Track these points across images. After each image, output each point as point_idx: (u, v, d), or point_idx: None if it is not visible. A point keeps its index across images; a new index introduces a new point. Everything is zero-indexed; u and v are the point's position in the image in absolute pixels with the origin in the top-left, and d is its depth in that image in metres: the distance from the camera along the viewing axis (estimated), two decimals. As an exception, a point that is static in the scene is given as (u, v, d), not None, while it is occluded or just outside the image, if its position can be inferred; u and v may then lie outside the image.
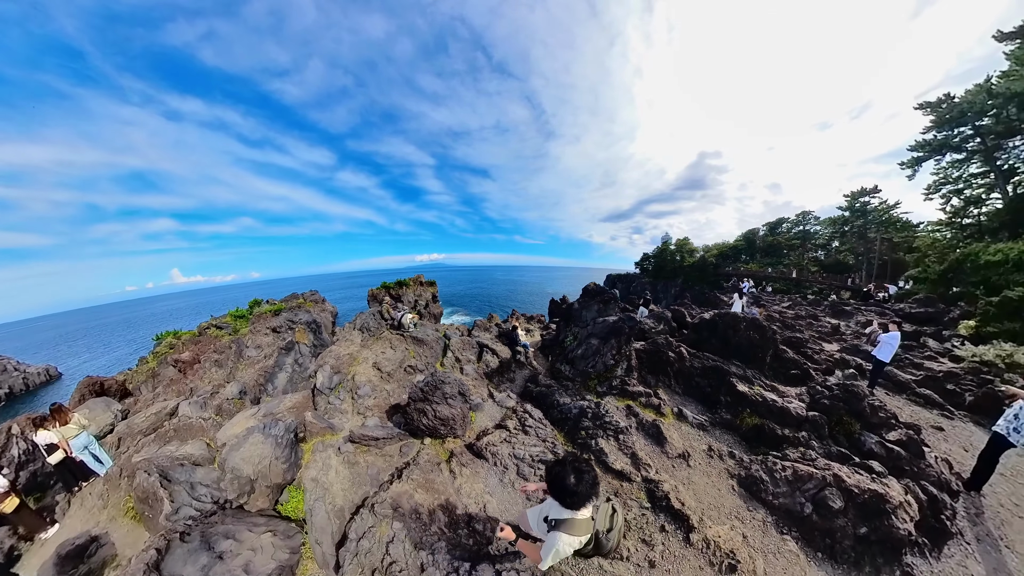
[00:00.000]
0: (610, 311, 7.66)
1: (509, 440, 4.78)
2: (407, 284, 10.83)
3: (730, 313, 7.53)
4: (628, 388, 5.93)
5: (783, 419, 5.03)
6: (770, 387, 6.06)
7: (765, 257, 43.05)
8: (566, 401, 5.63)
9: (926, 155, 22.02)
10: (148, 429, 5.52)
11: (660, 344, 6.89)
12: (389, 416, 5.86)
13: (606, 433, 4.70)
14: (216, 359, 7.35)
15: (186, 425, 5.39)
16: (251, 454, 4.43)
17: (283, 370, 7.13)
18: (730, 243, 49.24)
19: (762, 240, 45.70)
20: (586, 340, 6.94)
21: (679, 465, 4.43)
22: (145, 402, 6.79)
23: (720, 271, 41.30)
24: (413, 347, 7.71)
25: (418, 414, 5.09)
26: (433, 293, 11.35)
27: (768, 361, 6.79)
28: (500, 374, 7.53)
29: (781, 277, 32.21)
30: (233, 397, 6.35)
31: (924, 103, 21.34)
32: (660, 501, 3.71)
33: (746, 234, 48.41)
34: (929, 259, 18.24)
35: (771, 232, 45.84)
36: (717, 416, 5.45)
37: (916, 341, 9.67)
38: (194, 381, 7.02)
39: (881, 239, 29.07)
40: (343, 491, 4.24)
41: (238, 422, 5.24)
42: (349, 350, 7.43)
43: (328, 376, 6.58)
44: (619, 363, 6.38)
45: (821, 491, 3.69)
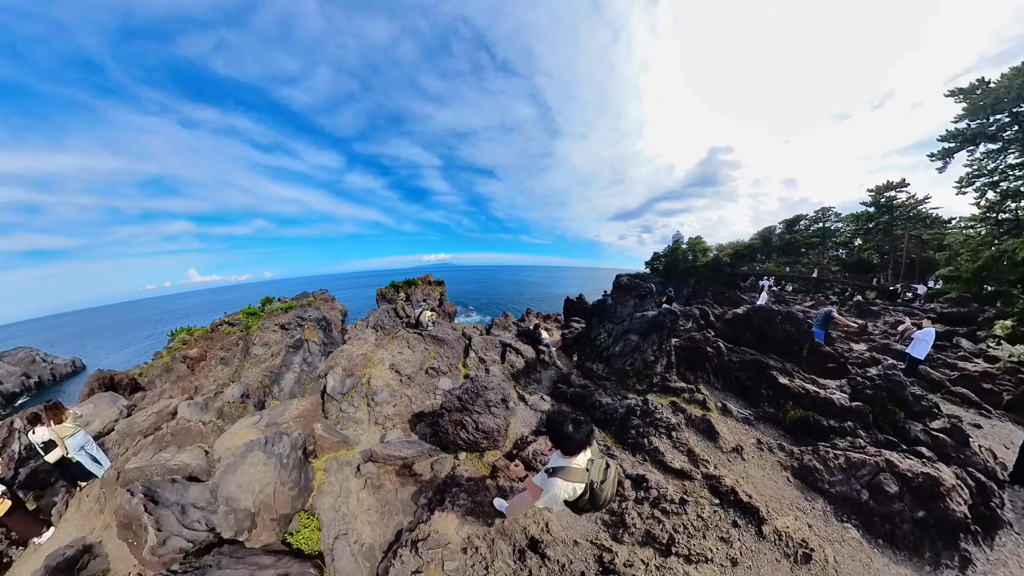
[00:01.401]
0: (647, 305, 8.01)
1: None
2: (415, 283, 11.16)
3: (765, 307, 8.04)
4: (669, 384, 6.30)
5: (827, 410, 5.47)
6: (810, 379, 6.53)
7: (782, 256, 44.63)
8: (608, 401, 5.93)
9: (958, 146, 21.37)
10: (148, 429, 5.65)
11: (697, 339, 7.30)
12: (412, 426, 5.80)
13: (658, 431, 4.99)
14: (222, 356, 7.54)
15: (184, 429, 5.50)
16: (250, 479, 4.01)
17: (291, 370, 7.26)
18: (745, 242, 50.87)
19: (779, 238, 47.42)
20: (624, 336, 7.31)
21: (734, 459, 4.77)
22: (150, 399, 6.98)
23: (735, 271, 42.73)
24: (433, 347, 7.92)
25: (455, 426, 4.84)
26: (441, 292, 11.71)
27: (805, 355, 7.28)
28: (526, 375, 7.82)
29: (801, 277, 33.38)
30: (235, 400, 6.42)
31: (955, 89, 20.99)
32: (727, 496, 3.99)
33: (762, 232, 50.14)
34: (962, 257, 18.67)
35: (788, 230, 47.55)
36: (760, 410, 5.85)
37: (949, 341, 10.38)
38: (200, 379, 7.25)
39: (909, 236, 29.56)
40: (370, 524, 3.87)
41: (237, 432, 5.22)
42: (363, 350, 7.59)
43: (340, 379, 6.61)
44: (659, 359, 6.75)
45: (875, 476, 4.06)
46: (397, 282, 11.04)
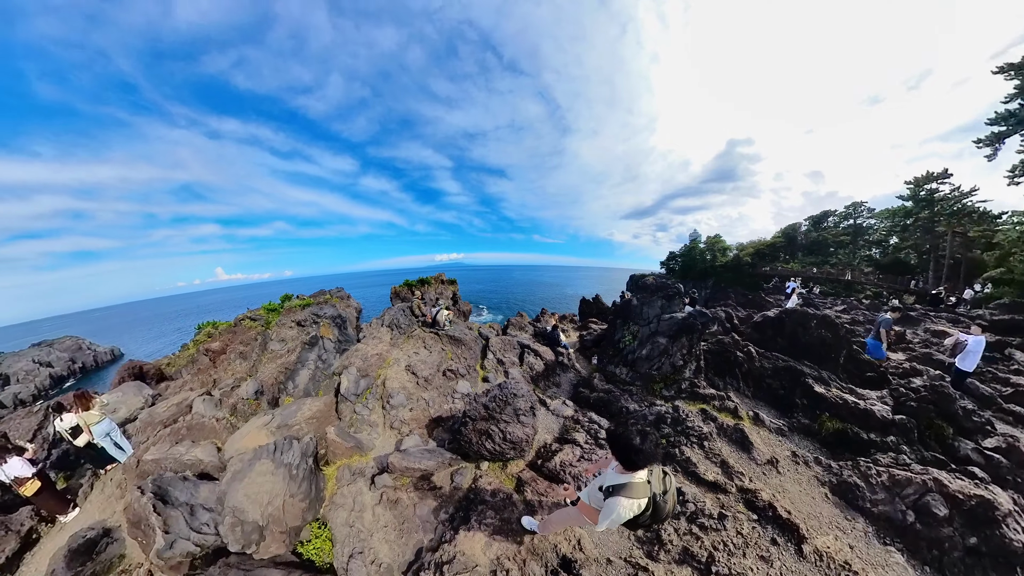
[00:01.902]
0: (675, 306, 7.85)
1: (587, 457, 4.71)
2: (429, 282, 11.36)
3: (799, 310, 7.86)
4: (698, 391, 6.25)
5: (867, 423, 5.35)
6: (847, 389, 6.38)
7: (808, 255, 43.08)
8: (635, 407, 5.92)
9: (1010, 129, 19.64)
10: (168, 420, 6.04)
11: (727, 343, 7.21)
12: (430, 431, 5.78)
13: (690, 440, 4.95)
14: (241, 351, 7.87)
15: (199, 424, 5.82)
16: (258, 490, 3.96)
17: (305, 367, 7.44)
18: (767, 240, 49.12)
19: (804, 236, 45.88)
20: (651, 339, 7.25)
21: (769, 472, 4.70)
22: (173, 389, 7.33)
23: (758, 271, 41.61)
24: (450, 347, 8.01)
25: (479, 436, 4.67)
26: (454, 291, 11.88)
27: (842, 362, 7.12)
28: (546, 378, 7.85)
29: (829, 278, 32.16)
30: (249, 397, 6.66)
31: (1005, 65, 19.13)
32: (763, 512, 3.92)
33: (785, 230, 48.51)
34: (1015, 257, 17.72)
35: (815, 227, 45.91)
36: (794, 420, 5.76)
37: (1000, 353, 9.94)
38: (219, 372, 7.61)
39: (953, 233, 27.44)
40: (388, 542, 3.77)
41: (249, 433, 5.32)
42: (378, 349, 7.71)
43: (354, 380, 6.68)
44: (687, 364, 6.69)
45: (922, 497, 3.94)
46: (411, 281, 11.28)
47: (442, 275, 11.50)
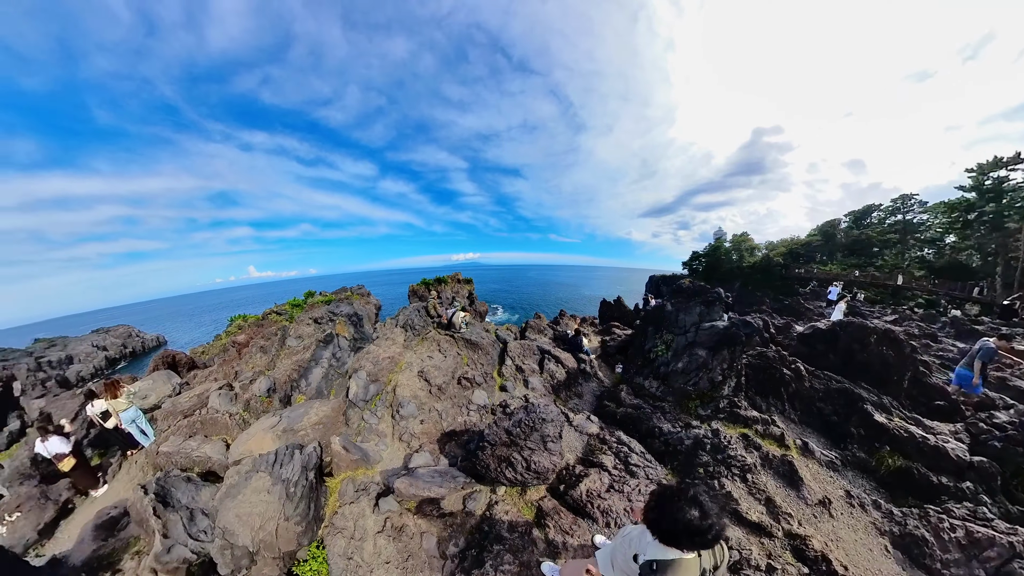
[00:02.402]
0: (715, 314, 7.33)
1: (617, 487, 4.22)
2: (445, 281, 11.38)
3: (856, 322, 7.22)
4: (739, 412, 5.81)
5: (937, 463, 4.80)
6: (913, 420, 5.82)
7: (849, 256, 40.05)
8: (669, 428, 5.53)
9: None
10: (188, 410, 6.29)
11: (771, 358, 6.69)
12: (442, 447, 5.54)
13: (731, 472, 4.56)
14: (262, 345, 8.02)
15: (212, 419, 5.99)
16: (250, 511, 3.80)
17: (319, 364, 7.51)
18: (801, 239, 46.32)
19: (844, 234, 42.73)
20: (688, 350, 6.79)
21: (821, 515, 4.27)
22: (200, 379, 7.70)
23: (790, 273, 39.39)
24: (466, 351, 7.80)
25: (499, 463, 4.32)
26: (470, 290, 11.83)
27: (905, 386, 6.51)
28: (567, 387, 7.54)
29: (875, 283, 29.92)
30: (261, 394, 6.75)
31: None
32: (816, 564, 3.53)
33: (822, 227, 45.32)
34: None
35: (856, 224, 42.74)
36: (848, 452, 5.24)
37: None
38: (241, 364, 7.82)
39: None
40: None
41: (255, 435, 5.32)
42: (390, 352, 7.59)
43: (363, 385, 6.58)
44: (727, 380, 6.23)
45: (1008, 563, 3.45)
46: (428, 280, 11.40)
47: (458, 274, 11.50)
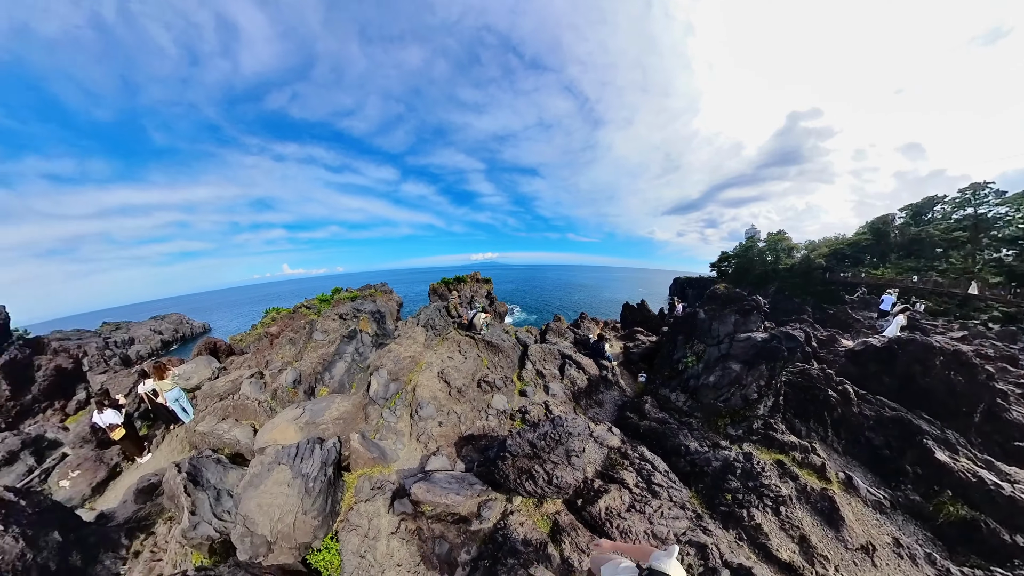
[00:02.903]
0: (753, 324, 6.81)
1: (638, 507, 3.99)
2: (464, 280, 11.46)
3: (917, 340, 6.42)
4: (774, 436, 5.36)
5: (1013, 518, 4.12)
6: (984, 462, 5.09)
7: (906, 258, 34.48)
8: (696, 447, 5.17)
9: None
10: (223, 394, 6.81)
11: (815, 377, 6.13)
12: (459, 450, 5.51)
13: (762, 503, 4.19)
14: (291, 337, 8.46)
15: (243, 405, 6.41)
16: (271, 503, 3.93)
17: (343, 359, 7.79)
18: (847, 237, 40.97)
19: (900, 232, 36.92)
20: (721, 363, 6.35)
21: (863, 563, 3.81)
22: (235, 365, 8.29)
23: (835, 277, 35.44)
24: (487, 354, 7.74)
25: (519, 474, 4.18)
26: (488, 290, 11.83)
27: (976, 421, 5.72)
28: (588, 395, 7.29)
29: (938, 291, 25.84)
30: (288, 385, 7.13)
31: None
32: None
33: (873, 224, 39.25)
34: None
35: (914, 220, 36.67)
36: (900, 493, 4.67)
37: None
38: (272, 354, 8.32)
39: None
40: None
41: (279, 425, 5.53)
42: (411, 351, 7.67)
43: (384, 383, 6.64)
44: (763, 399, 5.75)
45: None
46: (448, 279, 11.54)
47: (477, 274, 11.56)
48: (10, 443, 6.17)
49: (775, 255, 41.91)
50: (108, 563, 4.24)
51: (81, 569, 4.04)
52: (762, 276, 41.00)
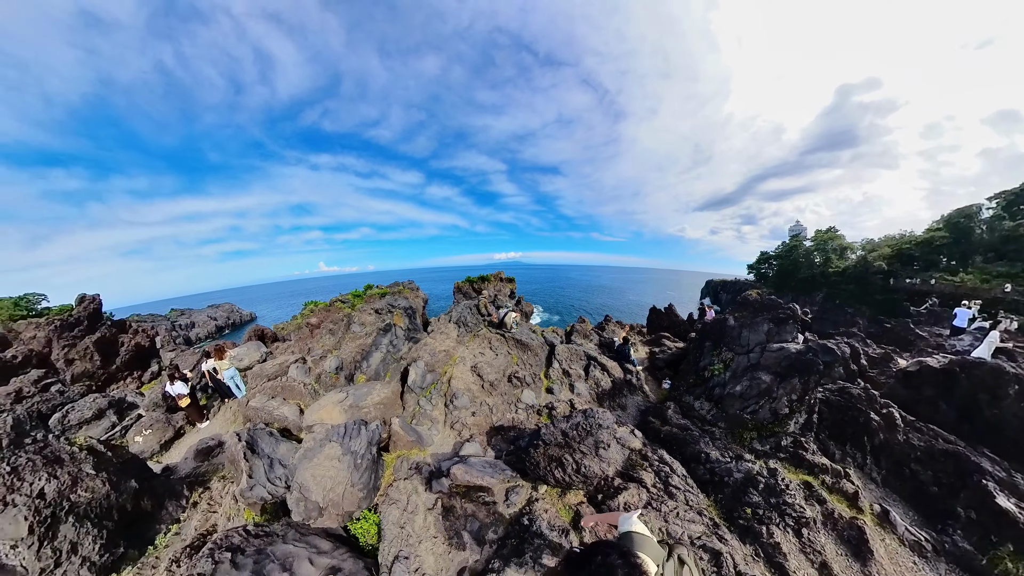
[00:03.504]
0: (787, 334, 6.51)
1: (654, 505, 4.15)
2: (488, 279, 11.86)
3: (988, 364, 5.74)
4: (804, 455, 5.16)
5: None
6: (1059, 511, 4.55)
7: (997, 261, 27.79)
8: (718, 457, 5.15)
9: None
10: (272, 375, 7.68)
11: (855, 396, 5.77)
12: (489, 439, 5.83)
13: (784, 521, 4.12)
14: (331, 328, 9.43)
15: (291, 386, 7.17)
16: (323, 474, 4.37)
17: (378, 350, 8.51)
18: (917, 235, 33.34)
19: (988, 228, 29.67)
20: (749, 373, 6.18)
21: None
22: (280, 350, 9.43)
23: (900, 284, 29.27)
24: (516, 351, 8.07)
25: (549, 462, 4.42)
26: (512, 289, 12.16)
27: (1051, 463, 5.09)
28: (611, 397, 7.41)
29: None
30: (331, 371, 7.91)
31: None
32: None
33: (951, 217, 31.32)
34: None
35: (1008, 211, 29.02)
36: (947, 539, 4.26)
37: None
38: (313, 342, 9.32)
39: None
40: (435, 555, 3.82)
41: (325, 406, 6.06)
42: (445, 345, 8.17)
43: (421, 373, 7.12)
44: (795, 415, 5.52)
45: None
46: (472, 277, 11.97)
47: (500, 273, 11.89)
48: (99, 403, 7.38)
49: (825, 256, 36.18)
50: (171, 509, 4.87)
51: (150, 513, 4.67)
52: (808, 281, 35.65)
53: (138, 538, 4.41)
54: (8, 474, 3.84)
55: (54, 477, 4.00)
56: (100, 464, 4.40)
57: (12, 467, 3.91)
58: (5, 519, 3.61)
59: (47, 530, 3.74)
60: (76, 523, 3.91)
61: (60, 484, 3.98)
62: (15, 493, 3.78)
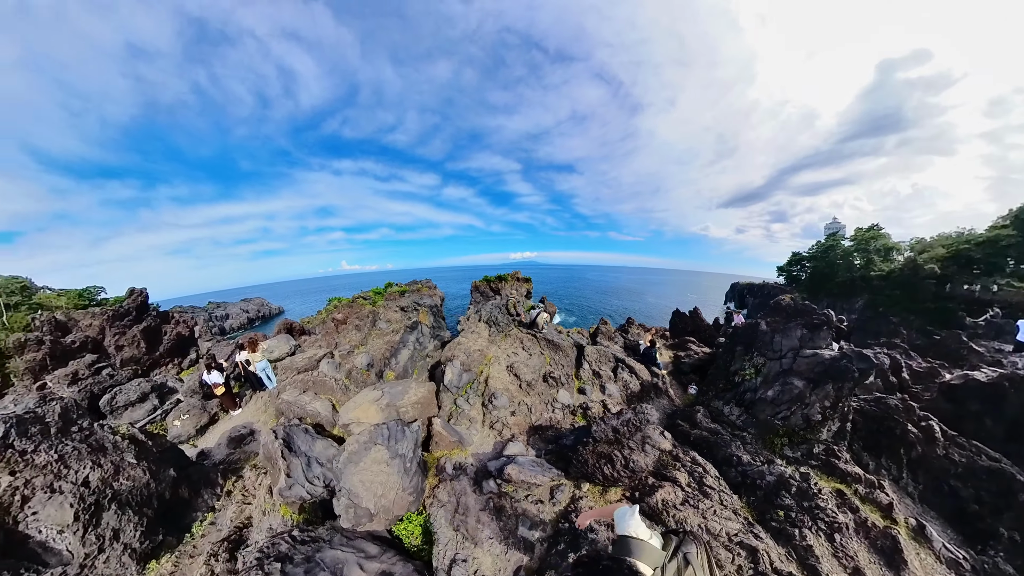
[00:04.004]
0: (821, 340, 6.41)
1: (691, 503, 4.23)
2: (505, 279, 12.08)
3: None
4: (836, 464, 5.18)
5: None
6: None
7: None
8: (749, 460, 5.26)
9: None
10: (302, 368, 8.00)
11: (892, 408, 5.69)
12: (528, 438, 5.84)
13: (816, 525, 4.21)
14: (357, 324, 9.97)
15: (322, 381, 7.39)
16: (373, 479, 4.26)
17: (406, 347, 8.86)
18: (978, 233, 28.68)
19: None
20: (781, 379, 6.20)
21: None
22: (308, 343, 9.92)
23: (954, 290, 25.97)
24: (548, 352, 8.33)
25: (598, 459, 4.50)
26: (529, 289, 12.37)
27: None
28: (639, 400, 7.57)
29: None
30: (362, 367, 8.23)
31: None
32: None
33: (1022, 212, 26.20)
34: None
35: None
36: (987, 559, 4.19)
37: None
38: (339, 337, 9.81)
39: None
40: (492, 556, 3.74)
41: (360, 404, 5.94)
42: (478, 345, 8.38)
43: (457, 373, 7.06)
44: (827, 422, 5.54)
45: None
46: (489, 277, 12.15)
47: (517, 273, 12.05)
48: (143, 387, 7.85)
49: (866, 258, 32.23)
50: (207, 497, 4.89)
51: (187, 500, 4.67)
52: (847, 285, 32.00)
53: (175, 525, 4.44)
54: (56, 462, 3.87)
55: (98, 466, 4.03)
56: (141, 453, 4.42)
57: (59, 455, 3.94)
58: (53, 505, 3.64)
59: (91, 517, 3.75)
60: (118, 510, 3.92)
61: (104, 472, 4.01)
62: (62, 480, 3.80)
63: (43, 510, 3.65)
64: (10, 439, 3.88)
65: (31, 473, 3.80)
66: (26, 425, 4.03)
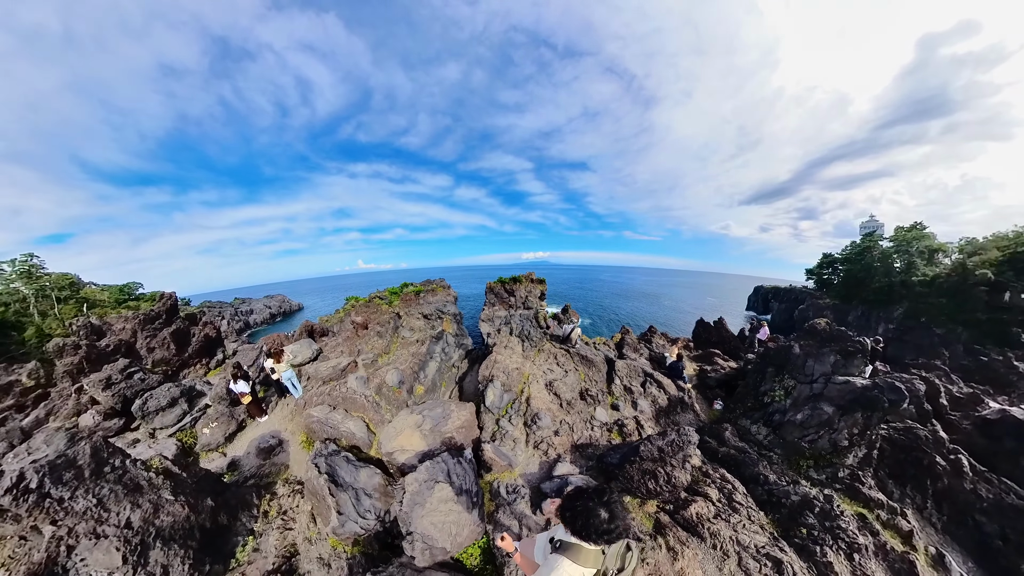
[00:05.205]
0: (854, 367, 6.42)
1: (723, 516, 4.56)
2: (519, 280, 11.82)
3: None
4: (860, 489, 5.43)
5: None
6: None
7: None
8: (775, 480, 5.50)
9: None
10: (327, 378, 7.96)
11: (921, 438, 5.79)
12: (571, 456, 5.83)
13: (837, 544, 4.49)
14: (379, 330, 9.70)
15: (351, 398, 7.19)
16: (444, 520, 4.26)
17: (433, 359, 8.68)
18: None
19: None
20: (811, 403, 6.33)
21: None
22: (330, 347, 9.64)
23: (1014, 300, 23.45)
24: (582, 368, 8.55)
25: (643, 476, 4.68)
26: (542, 291, 12.02)
27: None
28: (667, 415, 7.80)
29: None
30: (393, 385, 7.88)
31: None
32: None
33: None
34: None
35: None
36: None
37: None
38: (362, 343, 9.54)
39: None
40: None
41: (403, 431, 5.78)
42: (515, 363, 8.15)
43: (499, 395, 6.85)
44: (854, 448, 5.71)
45: None
46: (504, 278, 12.10)
47: (531, 274, 11.81)
48: (173, 391, 7.67)
49: (907, 260, 28.23)
50: (245, 520, 4.80)
51: (226, 526, 4.58)
52: (884, 291, 28.33)
53: (220, 553, 4.39)
54: (95, 507, 3.76)
55: (137, 506, 3.96)
56: (177, 488, 4.34)
57: (98, 499, 3.81)
58: (99, 550, 3.54)
59: (139, 558, 3.67)
60: (164, 547, 3.84)
61: (144, 512, 3.94)
62: (104, 524, 3.70)
63: (90, 556, 3.60)
64: (46, 488, 3.70)
65: (72, 521, 3.71)
66: (59, 471, 3.83)
